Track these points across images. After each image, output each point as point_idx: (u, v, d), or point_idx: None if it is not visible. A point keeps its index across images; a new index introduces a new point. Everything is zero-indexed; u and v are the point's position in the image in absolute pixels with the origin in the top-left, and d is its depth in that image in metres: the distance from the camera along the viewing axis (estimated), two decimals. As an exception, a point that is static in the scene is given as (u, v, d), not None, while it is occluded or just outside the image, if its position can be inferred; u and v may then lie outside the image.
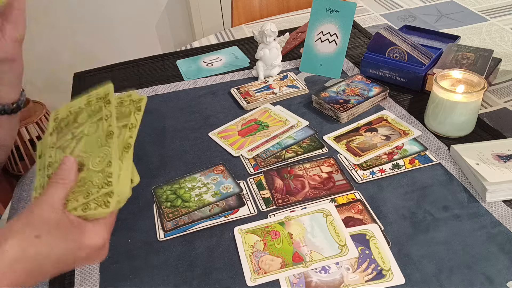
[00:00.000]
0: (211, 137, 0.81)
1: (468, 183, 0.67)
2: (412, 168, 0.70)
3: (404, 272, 0.55)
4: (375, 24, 1.24)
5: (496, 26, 1.16)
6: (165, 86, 0.97)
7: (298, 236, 0.61)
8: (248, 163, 0.74)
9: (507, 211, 0.62)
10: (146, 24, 2.04)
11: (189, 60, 1.07)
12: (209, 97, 0.93)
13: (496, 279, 0.53)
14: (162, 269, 0.58)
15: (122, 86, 0.98)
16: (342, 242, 0.59)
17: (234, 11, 1.46)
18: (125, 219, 0.66)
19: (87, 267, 0.59)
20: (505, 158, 0.67)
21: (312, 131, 0.80)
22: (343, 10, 0.92)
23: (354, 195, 0.66)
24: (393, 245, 0.59)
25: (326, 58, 0.96)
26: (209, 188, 0.70)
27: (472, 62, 0.85)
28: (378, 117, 0.82)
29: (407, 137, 0.76)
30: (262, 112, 0.86)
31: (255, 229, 0.62)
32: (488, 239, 0.58)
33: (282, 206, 0.66)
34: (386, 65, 0.89)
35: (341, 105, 0.83)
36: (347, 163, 0.73)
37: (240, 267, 0.57)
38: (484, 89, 0.71)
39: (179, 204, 0.67)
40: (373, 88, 0.87)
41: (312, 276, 0.56)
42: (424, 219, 0.62)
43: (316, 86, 0.93)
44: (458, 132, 0.75)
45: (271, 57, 0.93)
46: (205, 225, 0.64)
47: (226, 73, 1.00)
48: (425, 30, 1.05)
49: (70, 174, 0.48)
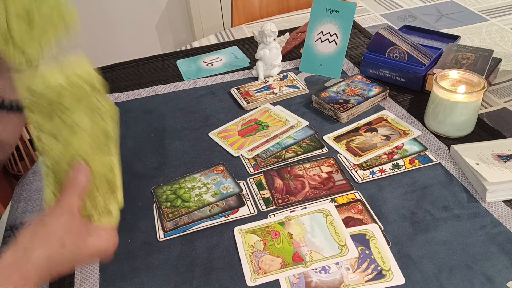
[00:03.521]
0: (211, 137, 0.81)
1: (468, 183, 0.67)
2: (412, 168, 0.70)
3: (404, 272, 0.55)
4: (375, 24, 1.24)
5: (496, 26, 1.16)
6: (165, 86, 0.97)
7: (298, 236, 0.61)
8: (248, 163, 0.74)
9: (507, 211, 0.62)
10: (146, 24, 2.04)
11: (189, 60, 1.07)
12: (209, 97, 0.93)
13: (496, 279, 0.53)
14: (162, 269, 0.58)
15: (122, 86, 0.98)
16: (342, 242, 0.59)
17: (234, 11, 1.46)
18: (125, 219, 0.66)
19: (87, 267, 0.59)
20: (505, 158, 0.67)
21: (312, 131, 0.80)
22: (343, 10, 0.92)
23: (354, 195, 0.66)
24: (393, 245, 0.59)
25: (326, 58, 0.96)
26: (209, 188, 0.70)
27: (472, 62, 0.85)
28: (378, 117, 0.82)
29: (407, 137, 0.76)
30: (262, 112, 0.86)
31: (255, 229, 0.62)
32: (488, 239, 0.58)
33: (282, 206, 0.66)
34: (386, 65, 0.89)
35: (341, 105, 0.83)
36: (347, 163, 0.73)
37: (240, 267, 0.57)
38: (484, 89, 0.71)
39: (179, 204, 0.67)
40: (373, 88, 0.87)
41: (312, 276, 0.56)
42: (424, 219, 0.62)
43: (316, 86, 0.93)
44: (458, 132, 0.75)
45: (271, 57, 0.93)
46: (205, 225, 0.64)
47: (226, 73, 1.00)
48: (425, 30, 1.05)
49: (84, 181, 0.49)
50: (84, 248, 0.48)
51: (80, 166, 0.49)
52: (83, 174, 0.49)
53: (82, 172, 0.49)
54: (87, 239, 0.48)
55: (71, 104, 0.49)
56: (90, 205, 0.50)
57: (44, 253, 0.44)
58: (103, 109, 0.50)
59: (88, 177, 0.49)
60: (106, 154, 0.51)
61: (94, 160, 0.50)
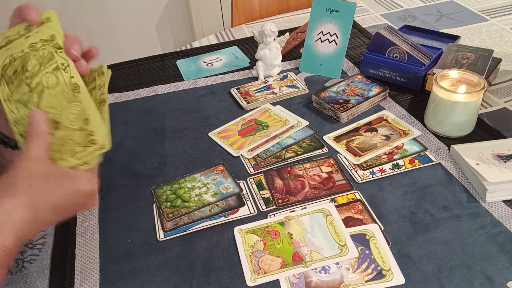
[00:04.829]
0: (211, 137, 0.81)
1: (468, 183, 0.67)
2: (412, 168, 0.70)
3: (404, 272, 0.55)
4: (375, 24, 1.24)
5: (496, 26, 1.16)
6: (165, 86, 0.97)
7: (298, 236, 0.61)
8: (248, 163, 0.74)
9: (507, 211, 0.62)
10: (146, 24, 2.04)
11: (189, 60, 1.07)
12: (209, 97, 0.93)
13: (496, 279, 0.53)
14: (162, 269, 0.58)
15: (122, 86, 0.98)
16: (342, 242, 0.59)
17: (234, 11, 1.46)
18: (125, 219, 0.66)
19: (87, 266, 0.59)
20: (505, 158, 0.67)
21: (312, 131, 0.80)
22: (343, 10, 0.92)
23: (354, 195, 0.66)
24: (393, 245, 0.59)
25: (326, 58, 0.96)
26: (209, 188, 0.70)
27: (472, 62, 0.85)
28: (378, 117, 0.82)
29: (407, 137, 0.76)
30: (262, 112, 0.86)
31: (255, 229, 0.62)
32: (488, 239, 0.58)
33: (282, 206, 0.66)
34: (386, 65, 0.89)
35: (341, 105, 0.83)
36: (347, 163, 0.73)
37: (240, 267, 0.57)
38: (484, 89, 0.71)
39: (179, 204, 0.67)
40: (373, 88, 0.87)
41: (312, 276, 0.56)
42: (424, 219, 0.62)
43: (316, 86, 0.93)
44: (458, 132, 0.75)
45: (271, 57, 0.93)
46: (205, 225, 0.64)
47: (226, 73, 1.00)
48: (425, 30, 1.05)
49: (45, 127, 0.49)
50: (58, 190, 0.47)
51: (36, 113, 0.49)
52: (41, 119, 0.49)
53: (39, 118, 0.49)
54: (59, 181, 0.48)
55: (35, 68, 0.51)
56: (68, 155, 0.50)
57: (13, 202, 0.44)
58: (66, 64, 0.51)
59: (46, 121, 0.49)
60: (76, 105, 0.51)
61: (63, 114, 0.50)
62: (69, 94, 0.51)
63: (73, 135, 0.50)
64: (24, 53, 0.51)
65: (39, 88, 0.51)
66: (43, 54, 0.51)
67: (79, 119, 0.51)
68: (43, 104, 0.51)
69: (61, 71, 0.51)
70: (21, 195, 0.45)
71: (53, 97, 0.50)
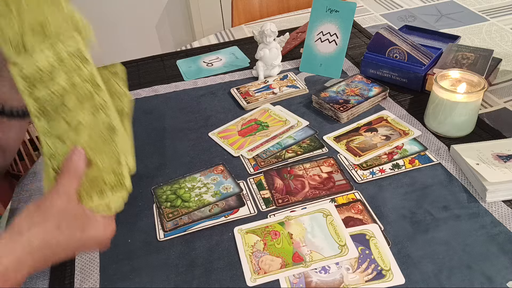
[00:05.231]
0: (211, 137, 0.81)
1: (468, 183, 0.67)
2: (412, 168, 0.70)
3: (404, 272, 0.55)
4: (375, 24, 1.24)
5: (496, 26, 1.16)
6: (165, 86, 0.97)
7: (298, 236, 0.61)
8: (248, 163, 0.74)
9: (507, 211, 0.62)
10: (146, 24, 2.04)
11: (189, 60, 1.07)
12: (209, 97, 0.93)
13: (496, 279, 0.53)
14: (162, 269, 0.58)
15: (122, 86, 0.98)
16: (342, 242, 0.59)
17: (234, 11, 1.46)
18: (125, 219, 0.66)
19: (87, 267, 0.59)
20: (505, 158, 0.67)
21: (312, 131, 0.80)
22: (343, 10, 0.92)
23: (354, 195, 0.66)
24: (393, 245, 0.59)
25: (326, 58, 0.96)
26: (209, 188, 0.70)
27: (472, 62, 0.85)
28: (378, 117, 0.82)
29: (407, 137, 0.76)
30: (262, 112, 0.86)
31: (255, 229, 0.62)
32: (488, 239, 0.58)
33: (282, 206, 0.66)
34: (386, 65, 0.89)
35: (341, 105, 0.83)
36: (347, 163, 0.73)
37: (240, 267, 0.57)
38: (484, 89, 0.71)
39: (179, 204, 0.67)
40: (373, 88, 0.87)
41: (312, 276, 0.56)
42: (424, 219, 0.62)
43: (316, 86, 0.93)
44: (458, 132, 0.75)
45: (271, 57, 0.93)
46: (205, 225, 0.64)
47: (226, 73, 1.00)
48: (425, 30, 1.05)
49: (81, 166, 0.49)
50: (80, 233, 0.48)
51: (76, 151, 0.49)
52: (79, 158, 0.49)
53: (78, 156, 0.49)
54: (84, 225, 0.48)
55: (74, 105, 0.50)
56: (96, 196, 0.51)
57: (39, 235, 0.44)
58: (105, 104, 0.51)
59: (84, 160, 0.49)
60: (111, 147, 0.51)
61: (99, 155, 0.51)
62: (105, 135, 0.51)
63: (105, 176, 0.51)
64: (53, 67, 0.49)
65: (76, 125, 0.51)
66: (83, 93, 0.51)
67: (111, 159, 0.51)
68: (80, 143, 0.51)
69: (99, 111, 0.51)
70: (51, 237, 0.45)
71: (89, 136, 0.51)
